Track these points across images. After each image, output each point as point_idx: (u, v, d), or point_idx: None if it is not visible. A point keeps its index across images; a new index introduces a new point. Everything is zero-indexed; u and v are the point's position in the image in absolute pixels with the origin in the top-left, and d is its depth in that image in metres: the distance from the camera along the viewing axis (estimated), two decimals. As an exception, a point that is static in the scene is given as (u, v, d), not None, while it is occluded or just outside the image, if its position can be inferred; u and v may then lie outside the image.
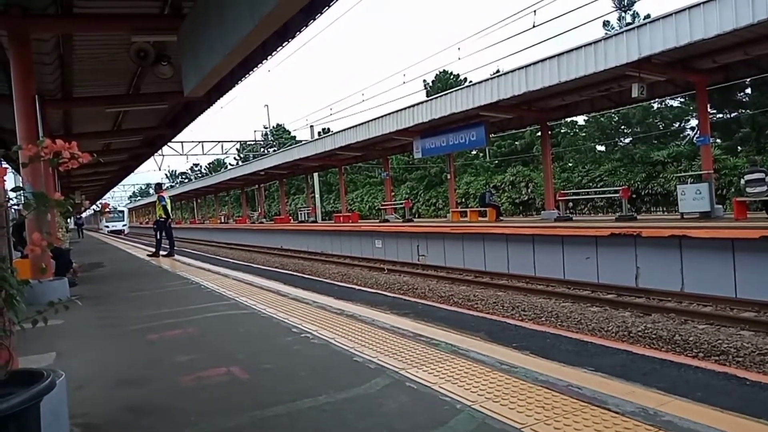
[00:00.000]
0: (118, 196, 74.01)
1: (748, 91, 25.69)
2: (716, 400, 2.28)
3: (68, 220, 14.36)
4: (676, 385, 2.48)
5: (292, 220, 35.26)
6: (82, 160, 2.07)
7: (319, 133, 36.74)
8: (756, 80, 20.91)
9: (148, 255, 13.43)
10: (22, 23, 7.17)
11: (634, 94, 12.22)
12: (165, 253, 13.28)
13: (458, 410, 2.40)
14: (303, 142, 30.10)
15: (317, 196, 34.42)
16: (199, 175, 73.00)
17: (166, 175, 79.47)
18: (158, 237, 13.16)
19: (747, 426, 2.06)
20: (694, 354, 6.76)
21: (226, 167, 56.13)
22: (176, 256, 13.11)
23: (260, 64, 9.38)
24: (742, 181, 12.34)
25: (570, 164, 29.34)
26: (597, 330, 8.17)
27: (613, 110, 24.45)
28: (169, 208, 12.78)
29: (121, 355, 4.01)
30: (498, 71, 23.62)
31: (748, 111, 25.43)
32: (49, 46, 8.66)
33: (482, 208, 19.62)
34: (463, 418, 2.32)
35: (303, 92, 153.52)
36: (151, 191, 46.51)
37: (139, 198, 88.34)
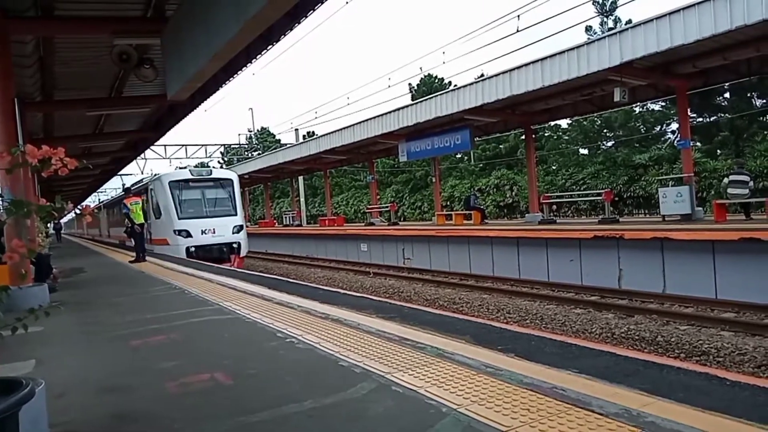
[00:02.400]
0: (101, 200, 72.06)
1: (727, 95, 26.18)
2: (697, 401, 2.30)
3: (48, 224, 14.06)
4: (658, 386, 2.50)
5: (276, 224, 35.09)
6: (71, 166, 2.04)
7: (304, 136, 36.56)
8: (734, 85, 21.28)
9: (131, 261, 13.28)
10: (2, 24, 7.05)
11: (616, 98, 12.41)
12: (133, 258, 13.30)
13: (444, 414, 2.40)
14: (288, 146, 30.02)
15: (302, 199, 34.29)
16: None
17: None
18: (136, 242, 13.16)
19: (727, 425, 2.08)
20: (676, 355, 6.85)
21: (210, 171, 55.25)
22: (160, 261, 12.97)
23: (245, 68, 9.36)
24: (726, 180, 12.50)
25: (554, 167, 29.60)
26: (581, 332, 8.24)
27: (595, 114, 24.73)
28: (134, 215, 12.61)
29: (104, 361, 3.95)
30: (482, 75, 23.82)
31: (727, 115, 25.91)
32: (30, 48, 8.53)
33: (467, 211, 19.73)
34: (449, 421, 2.32)
35: (288, 95, 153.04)
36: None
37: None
